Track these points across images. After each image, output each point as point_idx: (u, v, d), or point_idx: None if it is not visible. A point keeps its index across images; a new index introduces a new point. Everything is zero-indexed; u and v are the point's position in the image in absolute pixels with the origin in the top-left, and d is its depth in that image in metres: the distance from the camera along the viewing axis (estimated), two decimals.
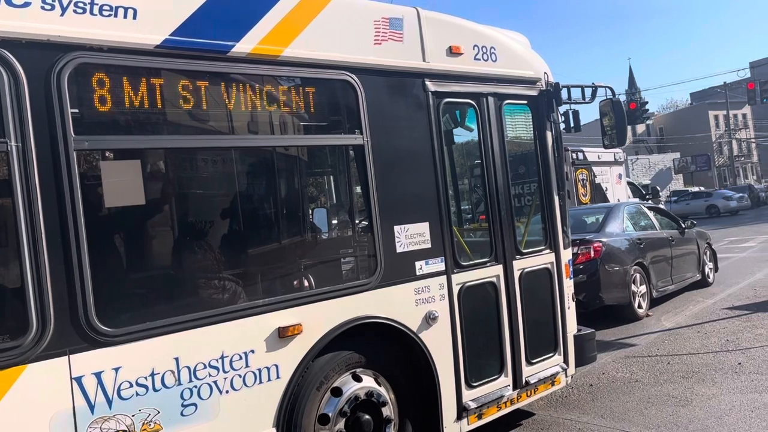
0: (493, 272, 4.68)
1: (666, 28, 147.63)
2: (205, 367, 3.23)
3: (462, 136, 5.28)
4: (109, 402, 2.93)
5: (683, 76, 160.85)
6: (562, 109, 5.35)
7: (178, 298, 3.44)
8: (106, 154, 3.31)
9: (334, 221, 4.77)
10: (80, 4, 2.95)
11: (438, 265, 4.30)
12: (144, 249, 3.52)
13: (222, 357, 3.29)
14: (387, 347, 4.12)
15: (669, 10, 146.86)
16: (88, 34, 2.96)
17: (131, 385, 2.99)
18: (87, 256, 2.89)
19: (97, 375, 2.91)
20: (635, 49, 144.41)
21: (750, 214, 34.10)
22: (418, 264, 4.19)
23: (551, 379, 5.06)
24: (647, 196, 21.90)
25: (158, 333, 3.08)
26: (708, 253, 11.75)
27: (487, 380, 4.58)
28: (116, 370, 2.96)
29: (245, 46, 3.48)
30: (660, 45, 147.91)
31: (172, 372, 3.12)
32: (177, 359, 3.14)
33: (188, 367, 3.17)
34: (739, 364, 6.32)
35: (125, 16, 3.07)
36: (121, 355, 2.97)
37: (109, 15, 3.03)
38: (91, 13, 2.98)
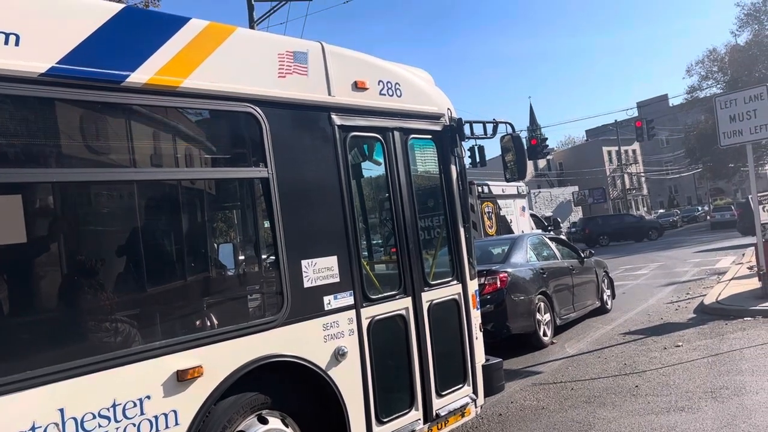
0: (402, 305, 4.68)
1: (563, 69, 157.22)
2: (94, 417, 2.98)
3: (370, 170, 5.30)
4: None
5: (579, 114, 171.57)
6: (469, 144, 5.52)
7: (64, 344, 3.16)
8: None
9: (239, 257, 4.61)
10: None
11: (347, 299, 4.24)
12: (26, 291, 3.22)
13: (114, 405, 3.05)
14: (295, 386, 3.99)
15: (565, 51, 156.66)
16: None
17: None
18: None
19: None
20: (536, 89, 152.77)
21: (642, 243, 36.35)
22: (326, 299, 4.12)
23: (461, 411, 5.08)
24: (549, 228, 22.90)
25: (39, 383, 2.82)
26: (606, 281, 12.36)
27: (397, 415, 4.52)
28: None
29: (141, 76, 3.34)
30: (558, 85, 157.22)
31: (56, 425, 2.85)
32: (62, 410, 2.88)
33: (74, 419, 2.91)
34: (637, 386, 6.61)
35: (6, 42, 2.87)
36: None
37: None
38: None
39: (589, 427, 5.55)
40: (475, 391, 5.24)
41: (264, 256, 4.33)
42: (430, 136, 5.23)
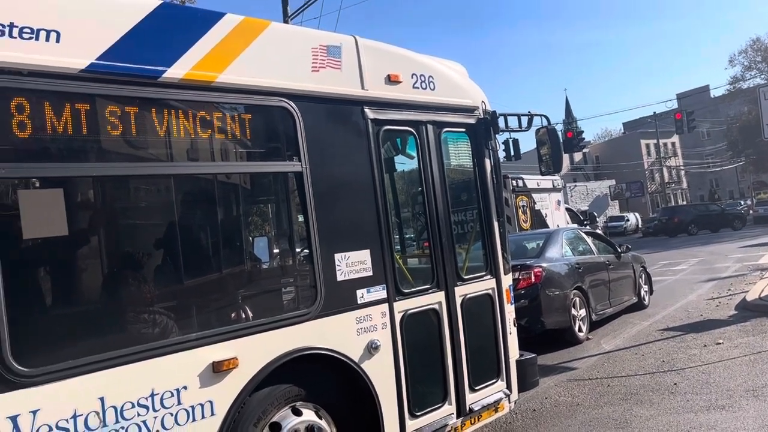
0: (435, 299, 4.66)
1: (599, 61, 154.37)
2: (133, 406, 3.05)
3: (403, 163, 5.30)
4: None
5: (616, 106, 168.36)
6: (503, 137, 5.45)
7: (104, 334, 3.25)
8: (26, 183, 3.13)
9: (273, 250, 4.66)
10: None
11: (380, 292, 4.25)
12: (67, 283, 3.32)
13: (152, 395, 3.12)
14: (328, 378, 4.01)
15: (601, 43, 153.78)
16: (6, 57, 2.82)
17: (51, 429, 2.79)
18: (2, 292, 2.70)
19: (13, 419, 2.70)
20: (571, 81, 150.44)
21: (682, 237, 35.57)
22: (359, 292, 4.13)
23: (495, 406, 5.05)
24: (585, 222, 22.57)
25: (81, 372, 2.90)
26: (643, 276, 12.12)
27: (430, 409, 4.52)
28: (34, 413, 2.76)
29: (177, 71, 3.39)
30: (594, 76, 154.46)
31: (97, 413, 2.93)
32: (102, 399, 2.95)
33: (114, 407, 2.99)
34: (675, 384, 6.47)
35: (47, 39, 2.95)
36: (39, 396, 2.78)
37: (30, 38, 2.90)
38: (11, 35, 2.85)
39: (625, 424, 5.46)
40: (508, 386, 5.20)
41: (298, 250, 4.36)
42: (463, 130, 5.19)
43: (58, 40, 2.98)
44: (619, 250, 11.42)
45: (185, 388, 3.24)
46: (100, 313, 3.38)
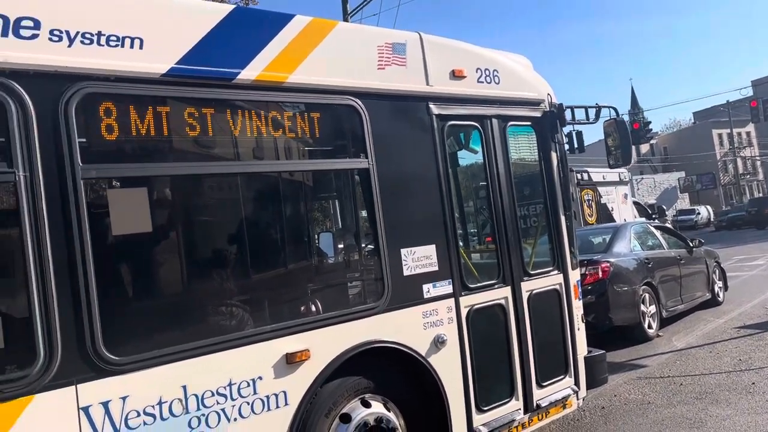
0: (501, 294, 4.65)
1: (667, 49, 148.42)
2: (213, 394, 3.20)
3: (467, 158, 5.29)
4: None
5: (685, 96, 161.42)
6: (566, 129, 5.36)
7: (186, 325, 3.42)
8: (114, 183, 3.33)
9: (341, 245, 4.76)
10: (87, 35, 2.99)
11: (445, 287, 4.27)
12: (151, 276, 3.51)
13: (230, 384, 3.26)
14: (396, 372, 4.08)
15: (669, 30, 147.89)
16: (95, 64, 3.00)
17: (139, 414, 2.96)
18: (94, 285, 2.88)
19: (105, 404, 2.88)
20: (637, 70, 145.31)
21: (758, 231, 33.93)
22: (425, 287, 4.17)
23: (563, 402, 4.99)
24: (653, 216, 21.83)
25: (166, 361, 3.06)
26: (717, 271, 11.66)
27: (497, 404, 4.52)
28: (124, 399, 2.93)
29: (250, 73, 3.52)
30: (662, 65, 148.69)
31: (180, 400, 3.09)
32: (185, 387, 3.11)
33: (196, 395, 3.14)
34: (753, 383, 6.22)
35: (132, 46, 3.11)
36: (128, 383, 2.95)
37: (116, 45, 3.07)
38: (98, 43, 3.02)
39: (700, 424, 5.30)
40: (576, 383, 5.13)
41: (365, 245, 4.44)
42: (529, 123, 5.14)
43: (141, 47, 3.14)
44: (691, 245, 11.03)
45: (260, 378, 3.37)
46: (182, 305, 3.56)
